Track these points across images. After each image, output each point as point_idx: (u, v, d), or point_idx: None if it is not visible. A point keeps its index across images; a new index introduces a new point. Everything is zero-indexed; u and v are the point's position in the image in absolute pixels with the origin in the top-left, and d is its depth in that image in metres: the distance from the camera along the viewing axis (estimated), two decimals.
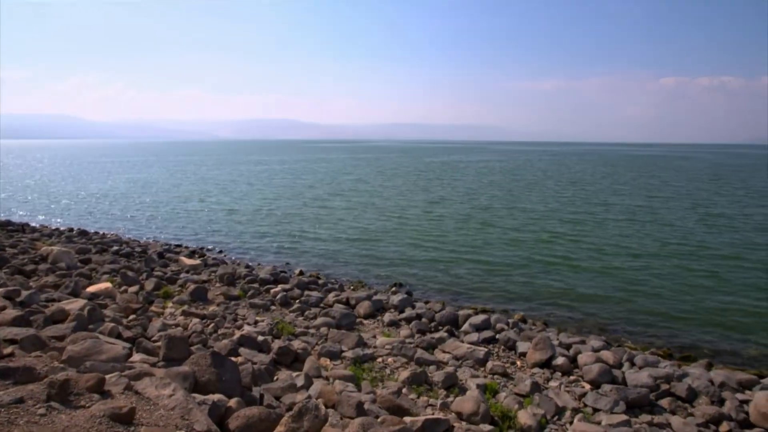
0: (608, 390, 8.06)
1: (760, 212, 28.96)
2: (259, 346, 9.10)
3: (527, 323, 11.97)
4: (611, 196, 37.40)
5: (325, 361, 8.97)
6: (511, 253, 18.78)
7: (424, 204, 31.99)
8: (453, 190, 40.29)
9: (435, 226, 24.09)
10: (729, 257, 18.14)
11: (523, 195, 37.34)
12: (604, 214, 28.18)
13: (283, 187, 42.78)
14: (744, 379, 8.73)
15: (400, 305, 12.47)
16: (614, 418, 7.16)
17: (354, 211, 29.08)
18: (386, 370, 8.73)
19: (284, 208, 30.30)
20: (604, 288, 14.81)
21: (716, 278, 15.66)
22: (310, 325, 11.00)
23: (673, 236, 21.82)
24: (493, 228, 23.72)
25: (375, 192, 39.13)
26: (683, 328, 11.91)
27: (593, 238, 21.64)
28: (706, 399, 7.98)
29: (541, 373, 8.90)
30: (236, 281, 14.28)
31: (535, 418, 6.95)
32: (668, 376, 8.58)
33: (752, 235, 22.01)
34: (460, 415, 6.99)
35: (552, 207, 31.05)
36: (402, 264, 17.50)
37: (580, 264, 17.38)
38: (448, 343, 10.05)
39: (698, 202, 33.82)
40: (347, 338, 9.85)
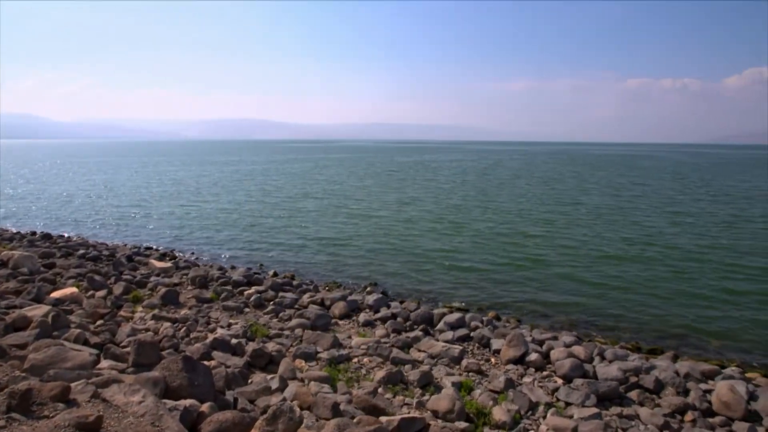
0: (580, 384, 8.24)
1: (723, 210, 30.10)
2: (233, 349, 8.96)
3: (501, 321, 12.13)
4: (581, 195, 38.26)
5: (300, 362, 8.89)
6: (484, 252, 18.99)
7: (398, 204, 32.03)
8: (426, 191, 40.44)
9: (409, 227, 24.16)
10: (693, 254, 18.77)
11: (496, 194, 37.77)
12: (574, 213, 28.80)
13: (254, 188, 42.20)
14: (707, 370, 9.06)
15: (375, 305, 12.47)
16: (585, 411, 7.32)
17: (327, 212, 28.93)
18: (362, 370, 8.71)
19: (257, 210, 29.91)
20: (574, 285, 15.13)
21: (680, 274, 16.18)
22: (284, 327, 10.89)
23: (639, 234, 22.46)
24: (466, 227, 23.94)
25: (348, 192, 38.98)
26: (650, 322, 12.27)
27: (563, 236, 22.09)
28: (672, 390, 8.24)
29: (515, 370, 9.04)
30: (209, 284, 14.03)
31: (509, 414, 7.04)
32: (637, 368, 8.83)
33: (715, 233, 22.84)
34: (436, 414, 7.03)
35: (523, 206, 31.55)
36: (377, 264, 17.50)
37: (551, 262, 17.72)
38: (423, 341, 10.10)
39: (663, 200, 34.92)
40: (322, 339, 9.79)
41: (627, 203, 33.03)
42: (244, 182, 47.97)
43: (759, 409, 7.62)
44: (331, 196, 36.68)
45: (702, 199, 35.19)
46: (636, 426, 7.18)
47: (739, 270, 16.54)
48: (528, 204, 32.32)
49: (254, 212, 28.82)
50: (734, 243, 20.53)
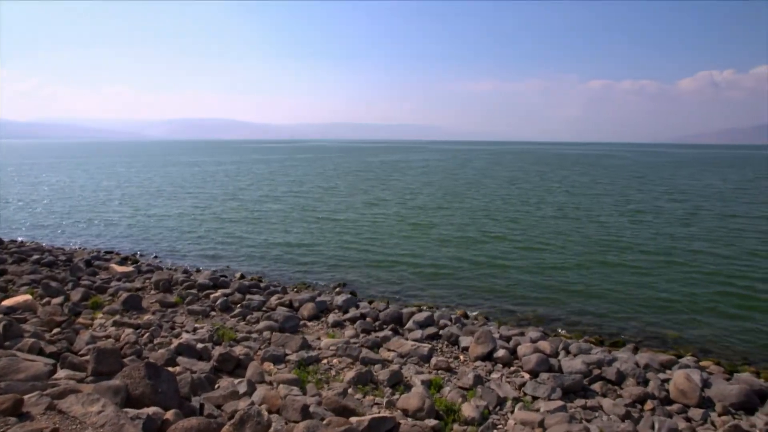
0: (546, 378, 8.43)
1: (679, 208, 31.38)
2: (199, 353, 8.76)
3: (469, 318, 12.28)
4: (546, 194, 39.17)
5: (268, 365, 8.77)
6: (451, 252, 19.18)
7: (365, 205, 31.99)
8: (394, 191, 40.50)
9: (376, 227, 24.16)
10: (652, 251, 19.48)
11: (463, 194, 38.19)
12: (539, 212, 29.46)
13: (219, 190, 41.30)
14: (665, 360, 9.43)
15: (344, 305, 12.42)
16: (551, 404, 7.50)
17: (294, 214, 28.64)
18: (331, 371, 8.66)
19: (222, 212, 29.32)
20: (540, 282, 15.47)
21: (640, 271, 16.77)
22: (252, 330, 10.71)
23: (602, 233, 23.18)
24: (434, 228, 24.13)
25: (315, 194, 38.66)
26: (612, 316, 12.68)
27: (529, 235, 22.57)
28: (633, 381, 8.53)
29: (483, 366, 9.16)
30: (173, 287, 13.66)
31: (478, 410, 7.14)
32: (599, 361, 9.10)
33: (672, 231, 23.79)
34: (406, 412, 7.06)
35: (490, 206, 32.07)
36: (345, 265, 17.44)
37: (517, 260, 18.06)
38: (392, 341, 10.12)
39: (624, 199, 36.14)
40: (291, 341, 9.69)
41: (590, 202, 34.03)
42: (208, 184, 46.88)
43: (712, 395, 7.98)
44: (298, 197, 36.30)
45: (660, 197, 36.58)
46: (599, 417, 7.40)
47: (694, 265, 17.28)
48: (494, 204, 32.84)
49: (219, 214, 28.24)
50: (690, 240, 21.43)
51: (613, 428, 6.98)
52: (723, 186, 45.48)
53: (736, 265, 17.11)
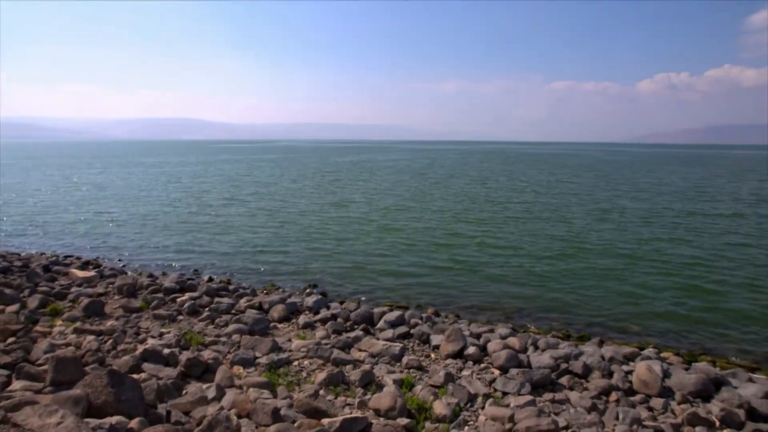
0: (515, 374, 8.58)
1: (640, 206, 32.48)
2: (165, 359, 8.53)
3: (440, 317, 12.38)
4: (513, 193, 39.89)
5: (238, 369, 8.62)
6: (421, 251, 19.30)
7: (334, 206, 31.78)
8: (362, 191, 40.39)
9: (346, 228, 24.06)
10: (615, 248, 20.10)
11: (431, 194, 38.35)
12: (507, 211, 29.97)
13: (185, 191, 40.28)
14: (628, 352, 9.74)
15: (314, 306, 12.32)
16: (521, 399, 7.63)
17: (262, 214, 28.25)
18: (303, 373, 8.58)
19: (187, 214, 28.62)
20: (509, 279, 15.73)
21: (605, 267, 17.27)
22: (221, 333, 10.51)
23: (568, 231, 23.76)
24: (403, 227, 24.19)
25: (283, 194, 38.17)
26: (579, 311, 13.02)
27: (498, 234, 22.94)
28: (599, 373, 8.77)
29: (454, 364, 9.24)
30: (138, 292, 13.27)
31: (449, 408, 7.20)
32: (567, 355, 9.32)
33: (634, 228, 24.60)
34: (378, 412, 7.06)
35: (458, 206, 32.42)
36: (315, 266, 17.31)
37: (487, 259, 18.33)
38: (364, 341, 10.11)
39: (589, 197, 37.16)
40: (261, 344, 9.55)
41: (557, 201, 34.83)
42: (172, 184, 45.60)
43: (672, 385, 8.29)
44: (265, 198, 35.71)
45: (623, 196, 37.73)
46: (567, 409, 7.57)
47: (656, 262, 17.90)
48: (463, 204, 33.19)
49: (185, 217, 27.55)
50: (652, 238, 22.20)
51: (579, 420, 7.16)
52: (682, 184, 47.29)
53: (694, 261, 17.82)
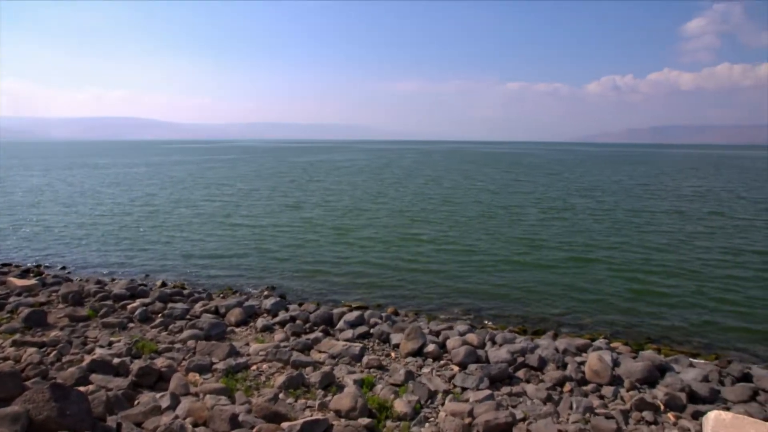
0: (474, 369, 8.73)
1: (592, 203, 33.82)
2: (116, 369, 8.16)
3: (400, 315, 12.45)
4: (470, 192, 40.65)
5: (194, 376, 8.36)
6: (379, 251, 19.32)
7: (290, 207, 31.24)
8: (319, 192, 39.97)
9: (303, 230, 23.72)
10: (568, 245, 20.84)
11: (388, 194, 38.32)
12: (463, 210, 30.51)
13: (133, 194, 38.52)
14: (581, 344, 10.11)
15: (273, 309, 12.12)
16: (480, 393, 7.78)
17: (216, 217, 27.52)
18: (261, 377, 8.43)
19: (136, 217, 27.49)
20: (466, 277, 16.00)
21: (558, 263, 17.88)
22: (175, 340, 10.17)
23: (523, 229, 24.48)
24: (360, 228, 24.12)
25: (238, 196, 37.17)
26: (534, 306, 13.40)
27: (454, 233, 23.32)
28: (553, 365, 9.06)
29: (414, 362, 9.31)
30: (84, 300, 12.63)
31: (410, 405, 7.24)
32: (523, 349, 9.57)
33: (584, 225, 25.61)
34: (339, 413, 7.02)
35: (415, 206, 32.69)
36: (274, 268, 17.02)
37: (444, 257, 18.56)
38: (323, 342, 10.03)
39: (543, 196, 38.38)
40: (218, 349, 9.30)
41: (512, 200, 35.76)
42: (120, 187, 43.41)
43: (621, 373, 8.68)
44: (219, 200, 34.63)
45: (574, 194, 39.15)
46: (524, 402, 7.78)
47: (605, 257, 18.68)
48: (420, 204, 33.47)
49: (134, 220, 26.44)
50: (601, 233, 23.16)
51: (536, 411, 7.37)
52: (629, 182, 49.52)
53: (641, 256, 18.70)
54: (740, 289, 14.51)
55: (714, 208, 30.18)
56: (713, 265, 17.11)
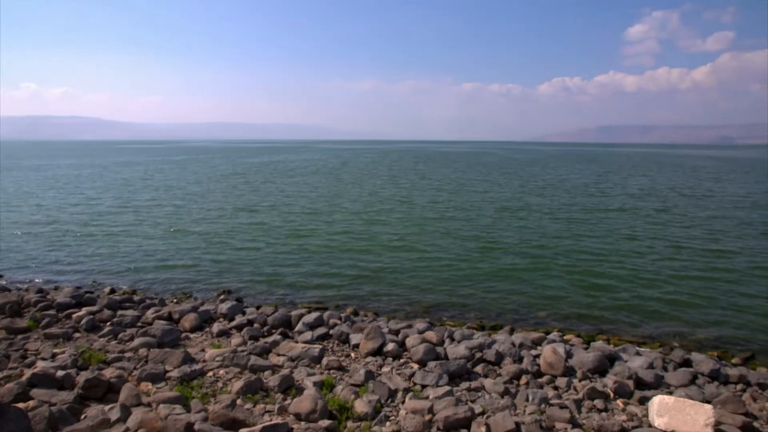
0: (433, 366, 8.83)
1: (545, 203, 34.88)
2: (60, 382, 7.73)
3: (359, 315, 12.43)
4: (425, 192, 41.11)
5: (146, 385, 8.03)
6: (336, 252, 19.20)
7: (244, 210, 30.46)
8: (275, 194, 39.17)
9: (259, 232, 23.22)
10: (524, 243, 21.44)
11: (344, 195, 38.01)
12: (421, 211, 30.85)
13: (78, 197, 36.44)
14: (536, 338, 10.42)
15: (229, 313, 11.83)
16: (439, 390, 7.87)
17: (167, 220, 26.56)
18: (218, 383, 8.20)
19: (82, 222, 26.11)
20: (424, 276, 16.17)
21: (514, 260, 18.37)
22: (125, 349, 9.74)
23: (479, 227, 25.03)
24: (316, 229, 23.80)
25: (190, 199, 35.89)
26: (491, 302, 13.70)
27: (411, 232, 23.54)
28: (510, 359, 9.29)
29: (374, 361, 9.32)
30: (24, 310, 11.91)
31: (370, 405, 7.24)
32: (481, 345, 9.77)
33: (542, 223, 26.41)
34: (299, 416, 6.92)
35: (372, 207, 32.75)
36: (229, 272, 16.60)
37: (401, 257, 18.69)
38: (282, 345, 9.87)
39: (499, 195, 39.31)
40: (171, 356, 8.98)
41: (466, 199, 36.42)
42: (63, 190, 40.89)
43: (574, 364, 9.00)
44: (170, 203, 33.31)
45: (528, 192, 40.37)
46: (482, 396, 7.94)
47: (558, 253, 19.34)
48: (376, 205, 33.54)
49: (79, 225, 25.08)
50: (554, 230, 23.96)
51: (494, 405, 7.53)
52: (580, 181, 51.42)
53: (592, 252, 19.48)
54: (682, 282, 15.36)
55: (659, 206, 31.78)
56: (658, 259, 18.02)
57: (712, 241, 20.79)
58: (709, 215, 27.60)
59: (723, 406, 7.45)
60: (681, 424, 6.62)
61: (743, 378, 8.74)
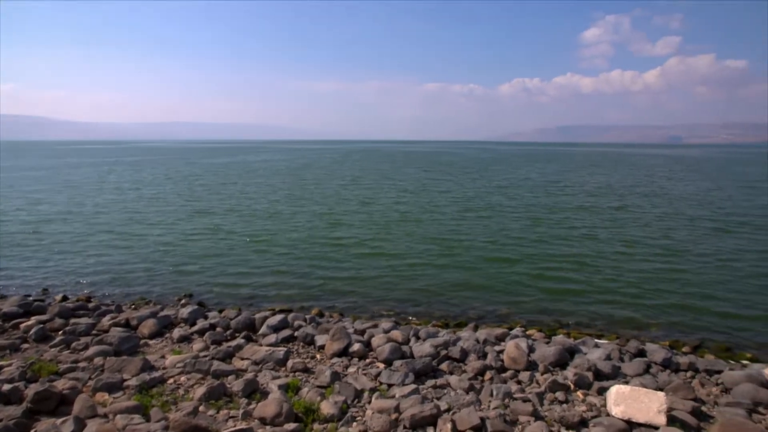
0: (399, 365, 8.86)
1: (506, 202, 35.61)
2: (6, 397, 7.33)
3: (324, 317, 12.34)
4: (389, 192, 41.27)
5: (102, 396, 7.72)
6: (299, 253, 18.95)
7: (205, 212, 29.72)
8: (235, 196, 38.32)
9: (220, 235, 22.64)
10: (486, 241, 21.81)
11: (307, 197, 37.44)
12: (384, 211, 30.93)
13: (21, 201, 34.59)
14: (499, 333, 10.61)
15: (190, 318, 11.52)
16: (405, 389, 7.91)
17: (122, 224, 25.59)
18: (179, 390, 7.97)
19: (28, 227, 24.89)
20: (389, 275, 16.21)
21: (477, 258, 18.66)
22: (79, 358, 9.32)
23: (442, 226, 25.33)
24: (279, 231, 23.37)
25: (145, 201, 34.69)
26: (455, 300, 13.87)
27: (376, 232, 23.56)
28: (474, 356, 9.43)
29: (340, 362, 9.27)
30: None
31: (336, 406, 7.19)
32: (446, 342, 9.87)
33: (503, 221, 26.93)
34: (264, 420, 6.82)
35: (336, 207, 32.59)
36: (190, 276, 16.14)
37: (365, 257, 18.68)
38: (246, 348, 9.69)
39: (462, 195, 39.82)
40: (130, 364, 8.66)
41: (428, 198, 36.76)
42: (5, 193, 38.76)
43: (536, 358, 9.23)
44: (125, 206, 31.96)
45: (491, 192, 41.09)
46: (448, 393, 8.02)
47: (519, 251, 19.79)
48: (341, 205, 33.42)
49: (27, 230, 23.86)
50: (516, 228, 24.50)
51: (459, 401, 7.62)
52: (541, 179, 52.73)
53: (552, 249, 20.04)
54: (637, 276, 15.98)
55: (616, 203, 32.95)
56: (615, 256, 18.69)
57: (665, 237, 21.73)
58: (662, 212, 28.84)
59: (674, 393, 7.81)
60: (636, 411, 6.89)
61: (692, 365, 9.18)
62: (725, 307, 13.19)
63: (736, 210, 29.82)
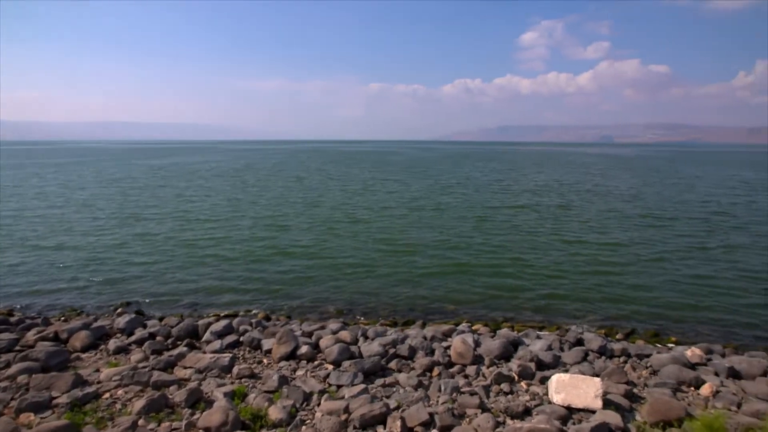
0: (348, 366, 8.82)
1: (451, 201, 36.31)
2: None
3: (271, 320, 12.08)
4: (335, 193, 41.07)
5: (27, 416, 7.16)
6: (242, 257, 18.41)
7: (140, 217, 28.40)
8: (173, 200, 36.64)
9: (159, 240, 21.72)
10: (431, 240, 22.15)
11: (249, 199, 36.48)
12: (330, 213, 30.78)
13: None
14: (446, 330, 10.81)
15: (127, 327, 10.93)
16: (354, 389, 7.89)
17: (51, 230, 23.97)
18: (116, 405, 7.54)
19: None
20: (336, 276, 16.10)
21: (422, 257, 18.91)
22: (1, 377, 8.61)
23: (387, 227, 25.51)
24: (221, 236, 22.65)
25: (74, 206, 32.59)
26: (402, 298, 13.99)
27: (322, 235, 23.39)
28: (422, 353, 9.54)
29: (287, 366, 9.11)
30: None
31: (285, 410, 7.06)
32: (394, 341, 9.93)
33: (448, 220, 27.45)
34: (209, 430, 6.59)
35: (278, 210, 32.08)
36: (126, 284, 15.28)
37: (312, 256, 18.50)
38: (188, 357, 9.30)
39: (409, 195, 40.22)
40: (59, 381, 8.08)
41: (375, 199, 36.91)
42: None
43: (482, 352, 9.48)
44: (51, 212, 29.88)
45: (437, 191, 41.76)
46: (397, 391, 8.07)
47: (463, 248, 20.23)
48: (286, 207, 32.88)
49: None
50: (460, 227, 25.04)
51: (408, 399, 7.69)
52: (484, 178, 54.25)
53: (496, 247, 20.65)
54: (576, 270, 16.79)
55: (557, 201, 34.40)
56: (555, 252, 19.55)
57: (600, 233, 22.94)
58: (598, 209, 30.43)
59: (609, 378, 8.26)
60: (575, 398, 7.22)
61: (625, 351, 9.75)
62: (654, 295, 14.13)
63: (665, 205, 32.01)
